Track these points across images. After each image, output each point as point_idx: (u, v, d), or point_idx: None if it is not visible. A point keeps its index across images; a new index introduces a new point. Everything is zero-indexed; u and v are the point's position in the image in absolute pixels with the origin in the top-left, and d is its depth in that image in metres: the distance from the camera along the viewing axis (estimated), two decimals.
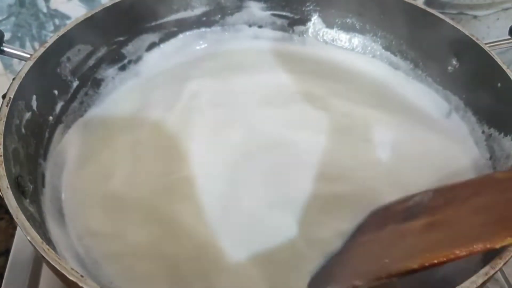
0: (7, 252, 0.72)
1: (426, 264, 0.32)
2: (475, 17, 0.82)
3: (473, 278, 0.30)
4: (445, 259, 0.31)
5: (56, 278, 0.47)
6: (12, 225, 0.76)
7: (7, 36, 0.72)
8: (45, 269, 0.49)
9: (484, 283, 0.30)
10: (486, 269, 0.31)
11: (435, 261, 0.31)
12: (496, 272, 0.31)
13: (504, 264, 0.32)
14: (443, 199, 0.40)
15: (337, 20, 0.62)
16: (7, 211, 0.81)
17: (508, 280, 0.49)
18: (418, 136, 0.52)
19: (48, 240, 0.39)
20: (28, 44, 0.72)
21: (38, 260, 0.49)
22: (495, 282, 0.50)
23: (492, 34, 0.81)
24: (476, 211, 0.36)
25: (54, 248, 0.38)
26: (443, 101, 0.55)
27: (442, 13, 0.62)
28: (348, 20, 0.61)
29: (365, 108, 0.54)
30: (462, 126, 0.52)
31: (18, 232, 0.53)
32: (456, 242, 0.32)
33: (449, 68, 0.54)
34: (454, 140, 0.52)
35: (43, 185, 0.44)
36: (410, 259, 0.33)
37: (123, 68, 0.58)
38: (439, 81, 0.56)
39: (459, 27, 0.51)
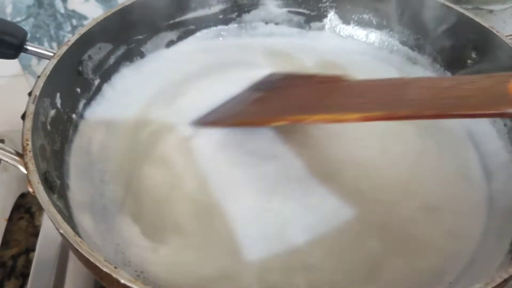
0: (27, 251, 0.74)
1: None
2: (490, 11, 0.82)
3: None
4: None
5: (82, 275, 0.48)
6: (31, 224, 0.77)
7: None
8: (70, 267, 0.50)
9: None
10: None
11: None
12: None
13: None
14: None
15: (353, 16, 0.62)
16: (26, 211, 0.82)
17: None
18: (436, 129, 0.52)
19: (78, 234, 0.39)
20: (46, 44, 0.73)
21: (64, 257, 0.50)
22: None
23: (508, 28, 0.80)
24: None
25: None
26: None
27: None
28: (364, 15, 0.61)
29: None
30: (483, 120, 0.52)
31: (43, 229, 0.54)
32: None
33: (469, 61, 0.53)
34: (475, 132, 0.52)
35: (69, 181, 0.45)
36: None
37: (142, 65, 0.58)
38: (458, 75, 0.56)
39: (478, 19, 0.51)
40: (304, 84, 0.50)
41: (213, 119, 0.52)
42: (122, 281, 0.30)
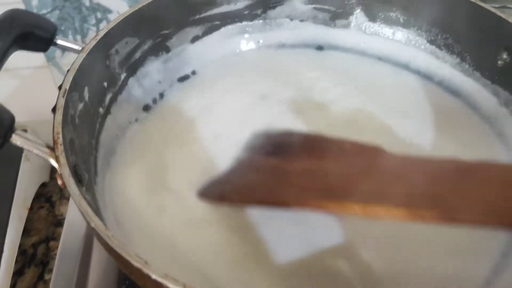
0: (47, 239, 0.75)
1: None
2: None
3: None
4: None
5: (106, 265, 0.49)
6: (52, 214, 0.78)
7: None
8: (94, 258, 0.50)
9: None
10: None
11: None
12: None
13: None
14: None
15: (380, 14, 0.61)
16: (47, 200, 0.84)
17: None
18: (465, 130, 0.51)
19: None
20: (70, 37, 0.74)
21: (88, 247, 0.50)
22: None
23: None
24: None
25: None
26: (491, 95, 0.54)
27: None
28: (391, 13, 0.61)
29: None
30: (511, 122, 0.52)
31: (68, 219, 0.54)
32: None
33: (500, 62, 0.53)
34: (502, 133, 0.51)
35: (96, 174, 0.45)
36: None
37: (167, 60, 0.58)
38: (487, 75, 0.55)
39: (510, 20, 0.50)
40: (331, 154, 0.42)
41: (221, 193, 0.44)
42: (153, 276, 0.30)
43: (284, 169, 0.42)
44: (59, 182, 0.37)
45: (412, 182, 0.36)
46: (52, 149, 0.38)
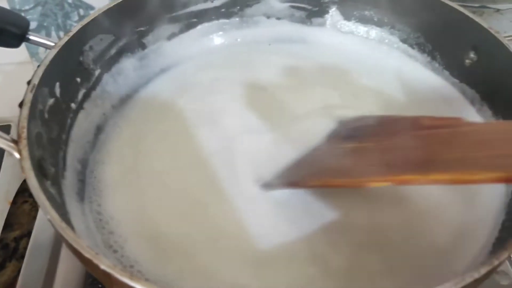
0: (29, 234, 0.75)
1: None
2: (497, 10, 0.80)
3: (477, 267, 0.30)
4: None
5: (75, 259, 0.50)
6: (35, 208, 0.79)
7: (33, 25, 0.74)
8: (64, 251, 0.51)
9: (488, 273, 0.30)
10: (491, 259, 0.31)
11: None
12: (500, 263, 0.31)
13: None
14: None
15: (355, 12, 0.62)
16: (30, 195, 0.84)
17: None
18: None
19: (67, 221, 0.40)
20: (53, 33, 0.74)
21: (58, 242, 0.51)
22: (506, 277, 0.49)
23: None
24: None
25: (72, 228, 0.40)
26: (459, 94, 0.55)
27: (463, 6, 0.62)
28: (366, 12, 0.61)
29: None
30: (478, 120, 0.52)
31: (40, 214, 0.55)
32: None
33: (467, 61, 0.53)
34: None
35: (64, 169, 0.46)
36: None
37: (143, 57, 0.59)
38: (456, 74, 0.55)
39: (478, 20, 0.51)
40: (409, 130, 0.41)
41: (295, 179, 0.43)
42: (102, 267, 0.31)
43: (362, 148, 0.42)
44: (23, 174, 0.38)
45: (500, 145, 0.35)
46: (17, 142, 0.39)
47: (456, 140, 0.37)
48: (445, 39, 0.56)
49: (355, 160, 0.41)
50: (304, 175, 0.43)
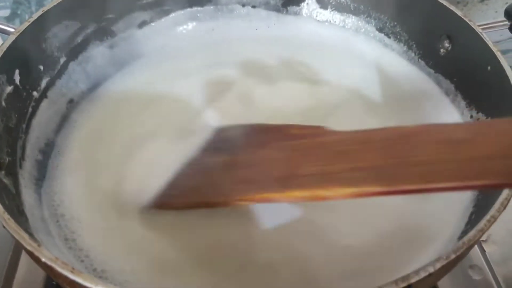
0: None
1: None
2: (482, 1, 0.79)
3: (432, 261, 0.29)
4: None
5: None
6: None
7: (6, 13, 0.72)
8: None
9: (445, 267, 0.29)
10: (447, 253, 0.30)
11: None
12: (458, 256, 0.30)
13: (468, 249, 0.31)
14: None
15: (331, 1, 0.61)
16: None
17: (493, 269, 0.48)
18: (405, 120, 0.51)
19: (20, 212, 0.39)
20: None
21: None
22: (479, 271, 0.48)
23: (500, 18, 0.78)
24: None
25: (25, 220, 0.39)
26: (434, 84, 0.54)
27: None
28: (342, 0, 0.60)
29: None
30: (452, 110, 0.51)
31: None
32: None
33: (442, 50, 0.52)
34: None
35: (23, 158, 0.45)
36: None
37: (113, 45, 0.57)
38: (431, 64, 0.54)
39: (452, 8, 0.49)
40: (277, 141, 0.40)
41: (170, 199, 0.42)
42: (43, 259, 0.30)
43: (231, 163, 0.41)
44: None
45: (359, 156, 0.34)
46: None
47: (316, 152, 0.36)
48: (421, 28, 0.54)
49: (221, 177, 0.40)
50: (180, 194, 0.42)
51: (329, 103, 0.53)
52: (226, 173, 0.41)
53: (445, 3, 0.50)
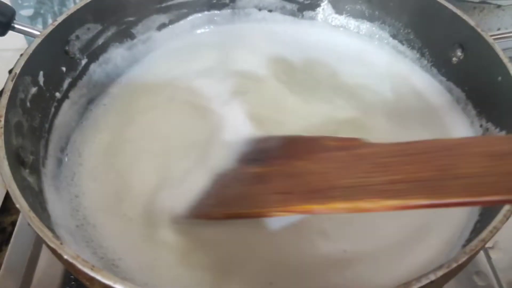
0: None
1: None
2: (499, 6, 0.79)
3: (434, 269, 0.30)
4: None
5: None
6: None
7: (29, 12, 0.75)
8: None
9: (445, 276, 0.30)
10: (449, 262, 0.31)
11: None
12: (460, 265, 0.31)
13: (470, 258, 0.32)
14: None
15: (346, 6, 0.62)
16: None
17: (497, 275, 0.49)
18: (417, 127, 0.52)
19: (43, 209, 0.41)
20: (50, 21, 0.75)
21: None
22: (485, 278, 0.49)
23: None
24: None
25: (48, 217, 0.41)
26: (446, 92, 0.54)
27: (464, 1, 0.61)
28: (357, 6, 0.61)
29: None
30: (462, 118, 0.52)
31: None
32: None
33: (454, 59, 0.53)
34: (454, 133, 0.51)
35: (45, 157, 0.47)
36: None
37: (132, 47, 0.59)
38: (443, 72, 0.55)
39: (465, 17, 0.50)
40: (311, 153, 0.40)
41: (205, 210, 0.42)
42: (65, 256, 0.31)
43: (266, 175, 0.41)
44: None
45: (398, 169, 0.34)
46: None
47: (354, 164, 0.36)
48: (434, 36, 0.55)
49: (258, 188, 0.40)
50: (214, 204, 0.42)
51: (344, 110, 0.54)
52: (262, 184, 0.41)
53: (458, 12, 0.51)
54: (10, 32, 0.52)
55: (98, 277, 0.31)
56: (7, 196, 0.75)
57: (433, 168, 0.32)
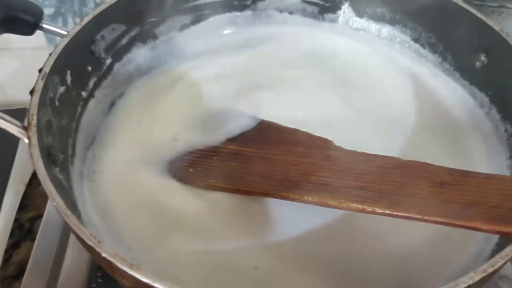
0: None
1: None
2: None
3: (471, 274, 0.30)
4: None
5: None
6: None
7: (50, 11, 0.75)
8: (72, 239, 0.53)
9: (482, 280, 0.31)
10: (484, 266, 0.31)
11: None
12: (495, 269, 0.31)
13: (505, 263, 0.32)
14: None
15: (367, 10, 0.62)
16: None
17: None
18: (438, 130, 0.52)
19: (74, 207, 0.42)
20: (70, 20, 0.75)
21: (66, 230, 0.53)
22: (509, 282, 0.50)
23: None
24: None
25: (79, 215, 0.41)
26: (469, 96, 0.54)
27: (482, 5, 0.61)
28: (378, 9, 0.61)
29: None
30: (486, 123, 0.52)
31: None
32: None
33: (477, 63, 0.53)
34: (477, 137, 0.52)
35: (73, 156, 0.47)
36: None
37: (154, 47, 0.60)
38: (466, 76, 0.55)
39: (489, 22, 0.50)
40: (286, 144, 0.45)
41: (183, 174, 0.46)
42: (103, 255, 0.32)
43: (242, 155, 0.45)
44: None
45: (360, 177, 0.39)
46: (27, 129, 0.40)
47: (324, 164, 0.41)
48: (457, 40, 0.55)
49: (236, 166, 0.44)
50: (193, 172, 0.46)
51: (359, 111, 0.54)
52: (239, 163, 0.45)
53: (482, 17, 0.51)
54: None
55: (137, 275, 0.31)
56: (25, 193, 0.75)
57: (391, 183, 0.38)
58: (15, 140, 0.73)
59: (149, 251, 0.42)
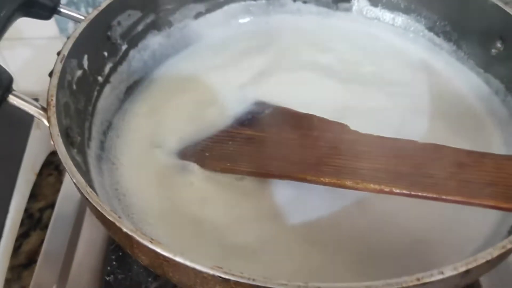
0: (53, 205, 0.78)
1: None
2: None
3: (489, 249, 0.31)
4: None
5: (96, 230, 0.51)
6: (59, 181, 0.81)
7: (63, 0, 0.76)
8: (86, 222, 0.53)
9: (500, 256, 0.31)
10: (503, 243, 0.31)
11: None
12: None
13: None
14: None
15: None
16: (56, 168, 0.86)
17: None
18: (453, 118, 0.52)
19: (92, 188, 0.42)
20: (83, 9, 0.76)
21: (81, 213, 0.53)
22: None
23: None
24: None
25: (97, 196, 0.42)
26: (484, 84, 0.54)
27: None
28: None
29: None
30: (502, 110, 0.52)
31: (64, 186, 0.57)
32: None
33: (493, 51, 0.53)
34: (493, 124, 0.52)
35: (89, 139, 0.48)
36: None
37: (169, 34, 0.60)
38: (481, 64, 0.55)
39: (506, 9, 0.50)
40: (301, 129, 0.45)
41: (199, 158, 0.47)
42: (124, 230, 0.32)
43: (258, 139, 0.46)
44: (51, 141, 0.39)
45: (377, 159, 0.39)
46: (46, 110, 0.40)
47: (340, 146, 0.42)
48: (472, 28, 0.55)
49: (251, 150, 0.45)
50: (209, 156, 0.46)
51: (373, 100, 0.54)
52: (255, 147, 0.45)
53: (500, 3, 0.51)
54: (41, 21, 0.52)
55: (158, 249, 0.31)
56: (35, 183, 0.76)
57: (409, 164, 0.39)
58: (26, 130, 0.75)
59: (165, 235, 0.42)
